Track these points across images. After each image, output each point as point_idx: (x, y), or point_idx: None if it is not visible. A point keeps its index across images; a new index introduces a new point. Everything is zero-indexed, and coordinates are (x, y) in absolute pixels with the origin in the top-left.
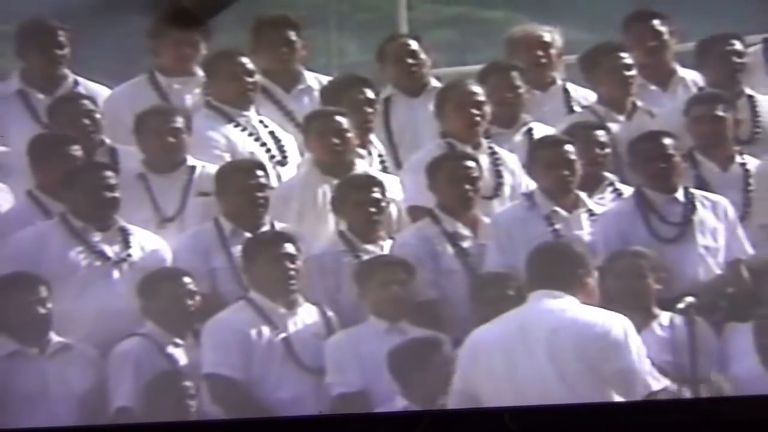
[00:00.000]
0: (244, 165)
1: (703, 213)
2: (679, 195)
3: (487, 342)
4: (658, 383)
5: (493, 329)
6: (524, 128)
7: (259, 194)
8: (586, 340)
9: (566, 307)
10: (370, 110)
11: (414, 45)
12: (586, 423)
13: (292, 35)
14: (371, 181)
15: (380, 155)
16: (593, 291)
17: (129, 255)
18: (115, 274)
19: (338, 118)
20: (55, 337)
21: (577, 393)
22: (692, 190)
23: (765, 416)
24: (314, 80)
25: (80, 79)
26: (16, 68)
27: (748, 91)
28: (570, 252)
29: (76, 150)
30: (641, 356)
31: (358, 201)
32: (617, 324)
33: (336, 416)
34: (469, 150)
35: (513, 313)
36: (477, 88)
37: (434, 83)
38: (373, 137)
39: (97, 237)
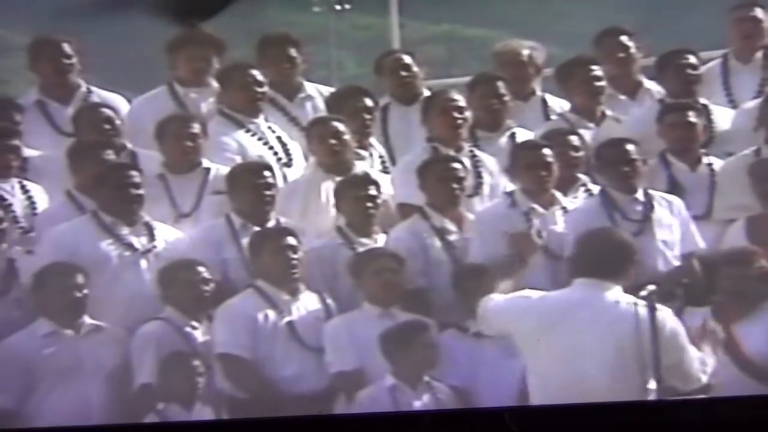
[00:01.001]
0: (252, 166)
1: (660, 211)
2: (639, 195)
3: (529, 324)
4: (706, 375)
5: (540, 306)
6: (508, 132)
7: (266, 192)
8: (640, 333)
9: (618, 298)
10: (368, 116)
11: (408, 59)
12: (587, 423)
13: (293, 51)
14: (367, 180)
15: (381, 156)
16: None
17: (154, 246)
18: (143, 263)
19: (336, 123)
20: (88, 320)
21: (624, 385)
22: (650, 191)
23: (764, 416)
24: (314, 89)
25: (93, 88)
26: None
27: (703, 100)
28: (622, 242)
29: (110, 154)
30: (692, 348)
31: (355, 197)
32: (669, 317)
33: (336, 416)
34: (451, 153)
35: (562, 298)
36: (458, 96)
37: (426, 93)
38: (374, 140)
39: (125, 231)
